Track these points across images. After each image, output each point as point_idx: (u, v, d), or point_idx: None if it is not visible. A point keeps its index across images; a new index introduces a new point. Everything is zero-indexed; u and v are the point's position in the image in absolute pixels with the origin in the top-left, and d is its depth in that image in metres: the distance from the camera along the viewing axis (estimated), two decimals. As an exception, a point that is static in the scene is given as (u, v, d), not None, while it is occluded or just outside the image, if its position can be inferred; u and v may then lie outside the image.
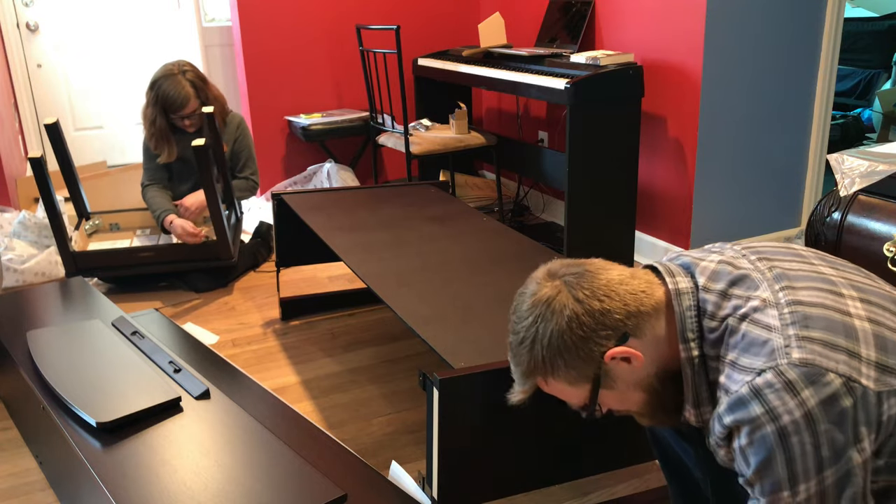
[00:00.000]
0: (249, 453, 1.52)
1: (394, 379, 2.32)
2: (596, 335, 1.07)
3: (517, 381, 1.17)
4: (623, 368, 1.10)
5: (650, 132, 3.17)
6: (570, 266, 1.14)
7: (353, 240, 2.19)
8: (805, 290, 1.03)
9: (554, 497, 1.73)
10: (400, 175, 4.34)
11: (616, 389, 1.12)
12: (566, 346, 1.08)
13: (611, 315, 1.07)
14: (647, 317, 1.09)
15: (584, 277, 1.10)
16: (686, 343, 1.08)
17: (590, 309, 1.08)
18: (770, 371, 0.95)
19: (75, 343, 1.94)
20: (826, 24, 3.07)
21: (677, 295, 1.09)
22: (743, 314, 1.04)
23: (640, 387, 1.12)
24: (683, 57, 2.95)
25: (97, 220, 3.27)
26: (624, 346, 1.08)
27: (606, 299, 1.08)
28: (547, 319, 1.09)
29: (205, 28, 4.40)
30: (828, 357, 0.95)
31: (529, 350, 1.11)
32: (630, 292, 1.09)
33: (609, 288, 1.09)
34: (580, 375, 1.10)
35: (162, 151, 3.10)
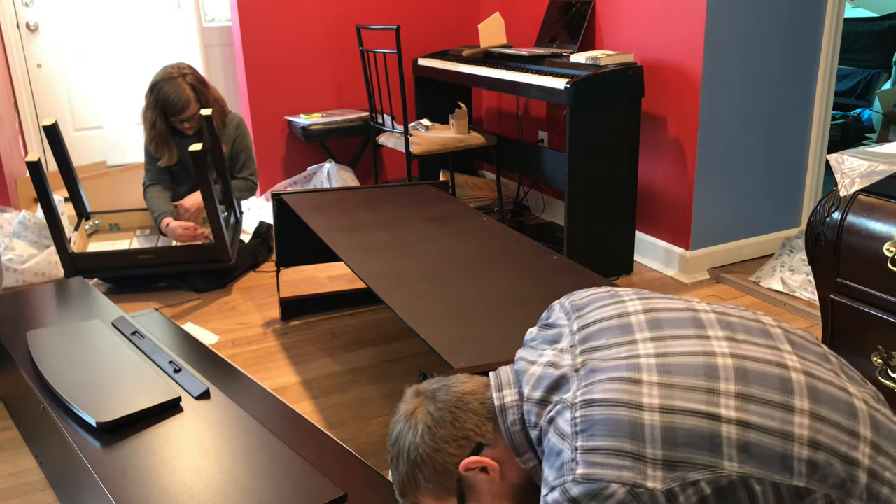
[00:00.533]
0: (249, 453, 1.52)
1: (394, 379, 2.32)
2: (448, 446, 1.11)
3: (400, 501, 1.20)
4: (482, 479, 1.12)
5: (650, 132, 3.17)
6: (433, 382, 1.18)
7: (353, 240, 2.19)
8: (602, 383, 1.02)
9: (554, 497, 1.73)
10: (400, 175, 4.34)
11: (482, 499, 1.13)
12: (422, 460, 1.12)
13: (462, 425, 1.11)
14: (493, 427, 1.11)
15: (440, 391, 1.14)
16: (520, 456, 1.11)
17: (441, 420, 1.11)
18: (558, 490, 0.98)
19: (75, 343, 1.94)
20: (826, 24, 3.07)
21: (502, 411, 1.11)
22: (549, 418, 1.06)
23: (507, 497, 1.14)
24: (683, 57, 2.95)
25: (97, 220, 3.27)
26: (478, 456, 1.10)
27: (457, 410, 1.12)
28: (404, 434, 1.14)
29: (205, 28, 4.40)
30: (610, 465, 0.96)
31: (395, 468, 1.16)
32: (482, 402, 1.12)
33: (461, 399, 1.13)
34: (441, 489, 1.13)
35: (162, 155, 3.10)
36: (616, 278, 3.09)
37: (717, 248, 3.11)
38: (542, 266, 2.01)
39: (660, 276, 3.08)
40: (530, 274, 1.95)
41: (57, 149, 2.91)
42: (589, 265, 2.01)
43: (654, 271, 3.15)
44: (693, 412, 0.98)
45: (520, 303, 1.77)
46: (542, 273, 1.96)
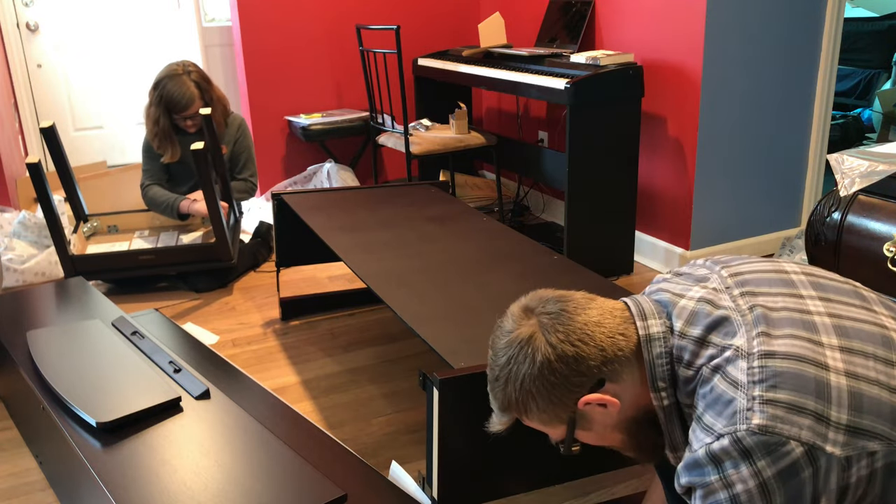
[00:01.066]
0: (249, 453, 1.52)
1: (394, 379, 2.32)
2: (569, 382, 1.04)
3: (495, 414, 1.15)
4: (599, 412, 1.07)
5: (650, 132, 3.17)
6: (547, 303, 1.09)
7: (352, 240, 2.19)
8: (782, 338, 0.97)
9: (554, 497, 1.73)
10: (400, 175, 4.34)
11: (593, 431, 1.10)
12: (538, 391, 1.05)
13: (585, 361, 1.04)
14: (624, 362, 1.05)
15: (560, 318, 1.06)
16: (657, 392, 1.05)
17: (563, 355, 1.04)
18: (727, 437, 0.92)
19: (75, 343, 1.94)
20: (826, 24, 3.07)
21: (648, 341, 1.05)
22: (716, 365, 0.99)
23: (619, 429, 1.10)
24: (683, 57, 2.95)
25: (95, 222, 3.26)
26: (599, 392, 1.05)
27: (581, 344, 1.04)
28: (520, 362, 1.06)
29: (205, 28, 4.40)
30: (791, 423, 0.90)
31: (503, 389, 1.09)
32: (608, 335, 1.05)
33: (585, 331, 1.05)
34: (554, 417, 1.08)
35: (165, 151, 3.10)
36: (616, 278, 3.09)
37: (717, 248, 3.11)
38: (542, 266, 2.01)
39: (660, 276, 3.08)
40: (530, 274, 1.95)
41: (55, 151, 2.91)
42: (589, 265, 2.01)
43: (655, 271, 3.15)
44: (875, 381, 0.93)
45: (520, 303, 1.77)
46: (542, 273, 1.96)
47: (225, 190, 3.11)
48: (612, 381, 1.05)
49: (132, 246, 3.13)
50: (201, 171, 2.71)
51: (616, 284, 1.89)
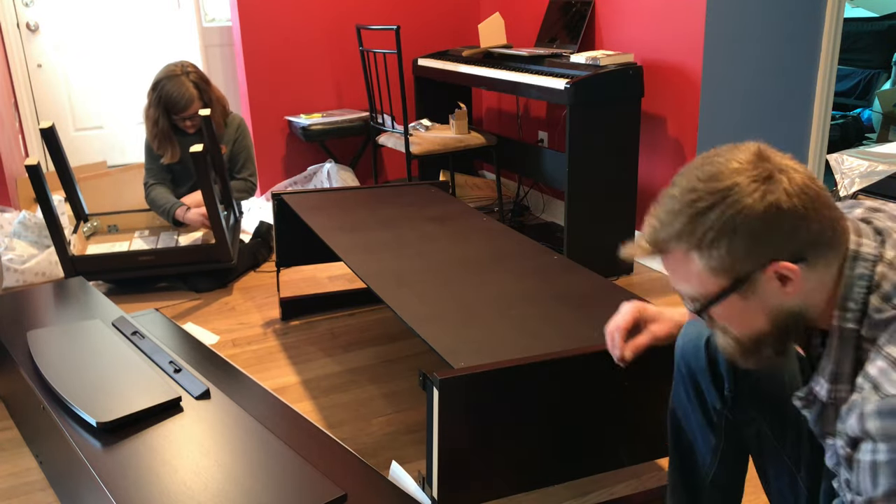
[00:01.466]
0: (249, 453, 1.52)
1: (394, 379, 2.32)
2: (779, 239, 0.94)
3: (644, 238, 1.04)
4: (772, 287, 0.97)
5: (650, 132, 3.17)
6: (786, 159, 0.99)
7: (353, 240, 2.19)
8: None
9: (554, 497, 1.74)
10: (400, 175, 4.34)
11: (747, 302, 0.98)
12: (743, 232, 0.93)
13: (806, 231, 0.94)
14: (829, 255, 0.96)
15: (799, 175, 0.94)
16: (843, 312, 0.96)
17: (794, 209, 0.92)
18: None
19: (75, 343, 1.94)
20: (826, 24, 3.07)
21: (855, 258, 0.96)
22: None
23: (771, 315, 0.99)
24: (683, 57, 2.95)
25: (95, 221, 3.26)
26: (794, 265, 0.94)
27: (812, 211, 0.93)
28: (745, 194, 0.93)
29: (205, 28, 4.40)
30: None
31: (696, 214, 0.95)
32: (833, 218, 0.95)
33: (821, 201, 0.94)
34: (728, 268, 0.96)
35: (165, 152, 3.10)
36: (616, 278, 3.09)
37: (717, 248, 3.11)
38: (542, 266, 2.01)
39: (660, 276, 3.08)
40: (530, 274, 1.95)
41: (55, 151, 2.91)
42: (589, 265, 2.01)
43: (655, 271, 3.15)
44: None
45: (520, 303, 1.77)
46: (542, 273, 1.96)
47: (224, 191, 3.11)
48: (808, 265, 0.95)
49: (132, 246, 3.13)
50: (200, 173, 2.71)
51: (616, 284, 1.89)
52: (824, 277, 0.97)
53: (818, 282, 0.97)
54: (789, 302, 0.98)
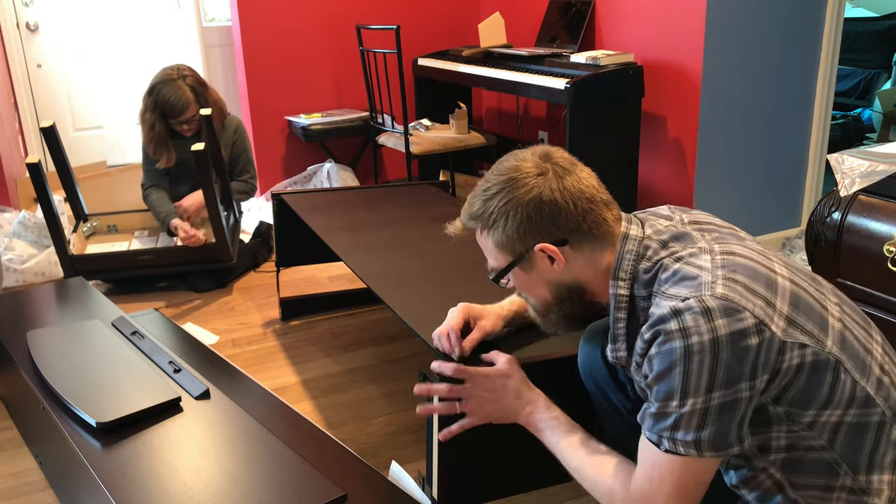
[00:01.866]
0: (249, 453, 1.52)
1: (394, 379, 2.32)
2: (542, 224, 1.16)
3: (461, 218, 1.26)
4: (544, 263, 1.19)
5: (650, 132, 3.17)
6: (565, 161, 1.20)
7: (353, 240, 2.19)
8: (738, 247, 1.13)
9: (554, 497, 1.73)
10: (400, 175, 4.34)
11: (528, 275, 1.22)
12: (514, 216, 1.17)
13: (565, 218, 1.16)
14: (592, 240, 1.18)
15: (568, 177, 1.17)
16: (615, 280, 1.17)
17: (553, 202, 1.15)
18: (693, 298, 1.04)
19: (75, 343, 1.94)
20: (826, 24, 3.07)
21: (625, 238, 1.18)
22: (678, 257, 1.13)
23: (549, 286, 1.22)
24: (683, 57, 2.95)
25: (95, 221, 3.26)
26: (556, 247, 1.17)
27: (570, 204, 1.16)
28: (517, 187, 1.17)
29: (205, 28, 4.40)
30: (747, 299, 1.04)
31: (486, 199, 1.20)
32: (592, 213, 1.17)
33: (579, 197, 1.17)
34: (508, 245, 1.19)
35: (161, 157, 3.08)
36: (616, 278, 3.09)
37: (717, 248, 3.11)
38: (542, 266, 2.01)
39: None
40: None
41: (55, 151, 2.91)
42: (589, 265, 2.01)
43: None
44: (808, 293, 1.10)
45: (520, 303, 1.77)
46: (542, 273, 1.95)
47: (225, 190, 3.11)
48: (572, 247, 1.18)
49: (131, 246, 3.13)
50: (201, 172, 2.71)
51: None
52: (594, 258, 1.19)
53: (586, 261, 1.19)
54: (562, 277, 1.21)
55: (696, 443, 1.05)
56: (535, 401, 1.35)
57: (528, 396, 1.36)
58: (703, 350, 1.02)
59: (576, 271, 1.20)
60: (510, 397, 1.36)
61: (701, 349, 1.02)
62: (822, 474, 1.09)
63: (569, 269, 1.19)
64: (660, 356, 1.06)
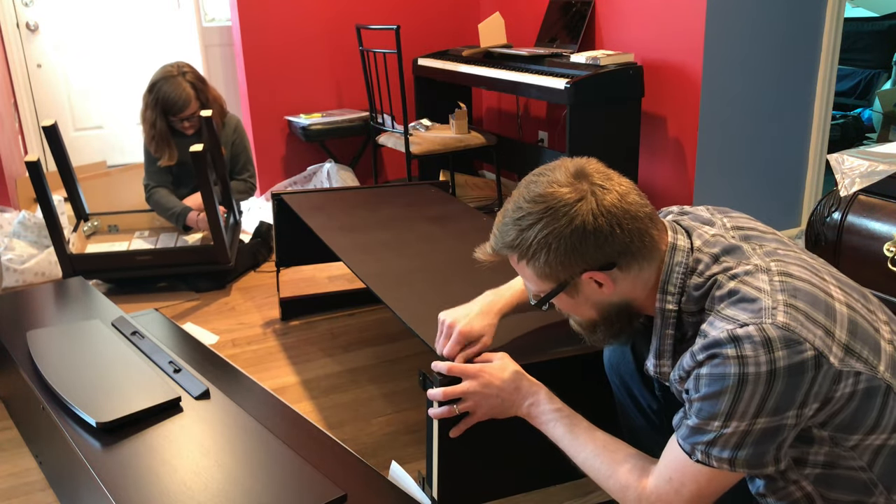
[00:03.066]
0: (249, 453, 1.52)
1: (394, 379, 2.32)
2: (588, 254, 1.10)
3: (492, 245, 1.21)
4: (591, 288, 1.15)
5: (650, 132, 3.17)
6: (601, 176, 1.13)
7: (352, 240, 2.19)
8: (793, 265, 1.09)
9: (554, 497, 1.73)
10: (400, 175, 4.34)
11: (575, 299, 1.18)
12: (557, 248, 1.10)
13: (612, 244, 1.10)
14: (640, 259, 1.12)
15: (608, 197, 1.10)
16: (664, 294, 1.13)
17: (598, 230, 1.09)
18: (753, 325, 1.00)
19: (75, 343, 1.94)
20: (826, 24, 3.07)
21: (673, 250, 1.13)
22: (733, 274, 1.08)
23: (597, 308, 1.18)
24: (683, 57, 2.95)
25: (95, 221, 3.26)
26: (605, 273, 1.12)
27: (618, 229, 1.09)
28: (557, 217, 1.09)
29: (205, 28, 4.40)
30: (808, 329, 1.00)
31: (522, 229, 1.13)
32: (640, 230, 1.11)
33: (626, 217, 1.10)
34: (550, 275, 1.14)
35: (162, 155, 3.08)
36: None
37: (717, 248, 3.11)
38: (542, 266, 2.01)
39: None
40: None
41: (56, 150, 2.91)
42: (589, 265, 2.02)
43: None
44: (863, 317, 1.07)
45: (520, 303, 1.77)
46: (542, 273, 1.95)
47: (224, 192, 3.11)
48: (620, 268, 1.12)
49: (132, 246, 3.13)
50: (200, 173, 2.71)
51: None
52: (642, 275, 1.14)
53: (634, 280, 1.14)
54: (609, 298, 1.16)
55: (731, 461, 1.03)
56: (535, 393, 1.34)
57: (528, 389, 1.35)
58: (759, 381, 0.99)
59: (624, 291, 1.15)
60: (509, 390, 1.35)
61: (756, 379, 0.99)
62: (856, 492, 1.08)
63: (617, 290, 1.15)
64: (711, 378, 1.02)
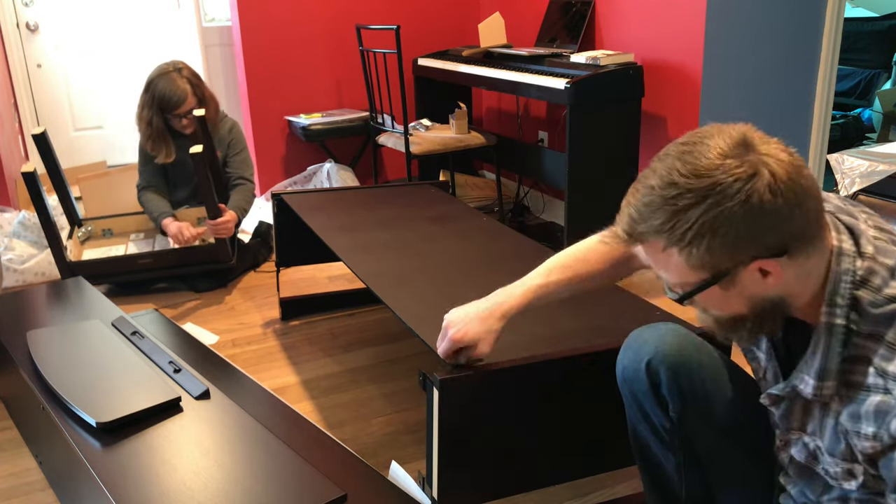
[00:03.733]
0: (249, 453, 1.52)
1: (394, 379, 2.32)
2: (761, 238, 0.92)
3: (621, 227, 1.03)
4: (753, 279, 0.97)
5: (650, 132, 3.17)
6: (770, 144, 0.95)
7: (352, 240, 2.19)
8: None
9: (554, 497, 1.73)
10: (400, 175, 4.34)
11: (728, 292, 0.99)
12: (724, 232, 0.91)
13: (789, 226, 0.92)
14: (812, 248, 0.95)
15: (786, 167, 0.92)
16: (832, 308, 0.97)
17: (775, 209, 0.90)
18: None
19: (75, 343, 1.94)
20: (826, 24, 3.07)
21: (839, 254, 0.97)
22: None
23: (751, 302, 1.00)
24: (683, 57, 2.95)
25: (89, 226, 3.22)
26: (776, 260, 0.94)
27: (797, 208, 0.91)
28: (726, 195, 0.90)
29: (205, 28, 4.40)
30: None
31: (676, 211, 0.93)
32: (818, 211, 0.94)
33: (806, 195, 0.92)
34: (708, 264, 0.95)
35: (159, 152, 3.07)
36: (616, 278, 3.08)
37: (717, 248, 3.11)
38: (542, 266, 2.01)
39: (660, 276, 3.08)
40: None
41: (47, 157, 2.88)
42: (589, 265, 2.01)
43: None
44: None
45: (520, 303, 1.77)
46: (542, 273, 1.95)
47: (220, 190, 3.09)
48: (791, 257, 0.94)
49: (128, 250, 3.11)
50: (199, 174, 2.71)
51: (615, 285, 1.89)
52: (805, 267, 0.97)
53: (799, 272, 0.97)
54: (769, 291, 0.99)
55: None
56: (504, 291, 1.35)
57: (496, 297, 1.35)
58: None
59: (787, 285, 0.98)
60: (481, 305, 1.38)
61: None
62: None
63: (781, 283, 0.97)
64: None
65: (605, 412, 1.55)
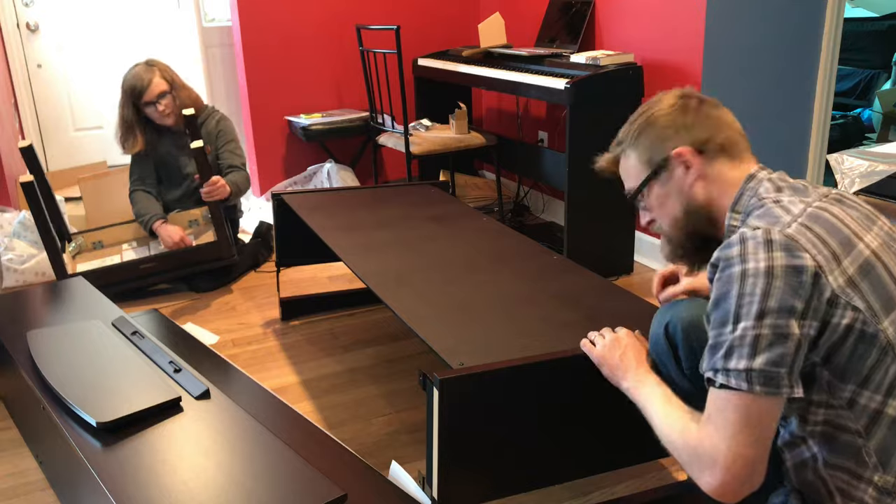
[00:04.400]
0: (249, 453, 1.52)
1: (394, 379, 2.32)
2: (679, 133, 1.25)
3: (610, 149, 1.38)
4: (679, 172, 1.26)
5: (650, 132, 3.17)
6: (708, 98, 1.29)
7: (352, 240, 2.19)
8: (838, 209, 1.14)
9: (554, 497, 1.74)
10: (400, 175, 4.34)
11: (665, 188, 1.29)
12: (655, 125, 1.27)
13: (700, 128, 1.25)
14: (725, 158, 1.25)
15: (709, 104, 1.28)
16: (732, 213, 1.22)
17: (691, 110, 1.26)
18: (760, 230, 1.09)
19: (75, 343, 1.94)
20: (826, 24, 3.07)
21: (752, 177, 1.23)
22: (778, 199, 1.16)
23: (683, 201, 1.28)
24: (683, 57, 2.95)
25: (79, 240, 3.17)
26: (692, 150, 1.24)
27: (707, 120, 1.25)
28: (653, 104, 1.30)
29: (205, 28, 4.40)
30: (813, 244, 1.07)
31: (629, 123, 1.32)
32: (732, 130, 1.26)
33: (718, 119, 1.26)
34: (646, 157, 1.29)
35: (127, 143, 3.08)
36: (616, 278, 3.09)
37: (717, 248, 3.11)
38: (541, 266, 2.01)
39: (660, 276, 3.08)
40: (530, 274, 1.95)
41: (35, 170, 2.83)
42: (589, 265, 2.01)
43: (655, 271, 3.15)
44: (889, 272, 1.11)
45: (520, 303, 1.77)
46: (542, 273, 1.96)
47: None
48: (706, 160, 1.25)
49: (124, 258, 3.08)
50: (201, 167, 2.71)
51: (616, 285, 1.89)
52: (722, 180, 1.24)
53: (715, 179, 1.25)
54: (694, 190, 1.26)
55: (747, 373, 1.04)
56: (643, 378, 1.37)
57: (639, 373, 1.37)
58: (758, 275, 1.05)
59: (706, 188, 1.25)
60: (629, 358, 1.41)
61: (755, 273, 1.05)
62: (852, 460, 1.10)
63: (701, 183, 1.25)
64: (719, 282, 1.10)
65: (606, 412, 1.55)
